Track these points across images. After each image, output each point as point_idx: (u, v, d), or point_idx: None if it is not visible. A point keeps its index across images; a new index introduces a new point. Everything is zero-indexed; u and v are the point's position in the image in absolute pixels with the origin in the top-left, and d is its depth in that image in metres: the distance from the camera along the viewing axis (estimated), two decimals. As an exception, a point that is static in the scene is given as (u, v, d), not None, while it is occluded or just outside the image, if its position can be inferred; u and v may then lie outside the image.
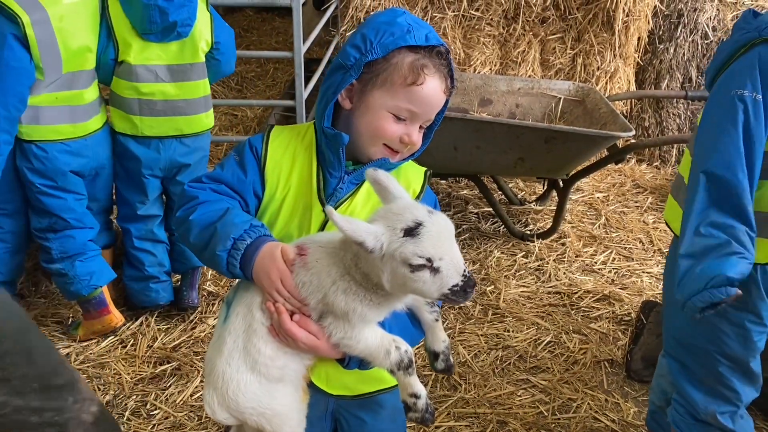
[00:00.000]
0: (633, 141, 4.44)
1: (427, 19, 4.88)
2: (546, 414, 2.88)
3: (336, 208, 1.55)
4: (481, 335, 3.35)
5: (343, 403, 1.71)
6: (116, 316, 3.23)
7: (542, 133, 3.65)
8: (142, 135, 3.13)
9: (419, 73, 1.48)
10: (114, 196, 3.38)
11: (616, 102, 5.06)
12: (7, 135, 2.82)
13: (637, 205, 4.81)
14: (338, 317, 1.43)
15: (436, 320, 1.55)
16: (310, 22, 5.74)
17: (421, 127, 1.56)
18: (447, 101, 1.58)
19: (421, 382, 2.71)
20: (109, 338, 3.23)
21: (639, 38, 4.95)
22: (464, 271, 1.32)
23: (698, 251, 1.84)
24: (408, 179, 1.64)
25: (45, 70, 2.84)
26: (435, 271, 1.29)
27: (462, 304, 1.47)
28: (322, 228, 1.56)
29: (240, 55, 3.38)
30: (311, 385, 1.61)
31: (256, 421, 1.54)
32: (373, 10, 4.74)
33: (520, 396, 2.98)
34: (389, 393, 1.71)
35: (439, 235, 1.30)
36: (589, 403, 2.94)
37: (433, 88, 1.50)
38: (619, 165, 5.23)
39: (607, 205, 4.77)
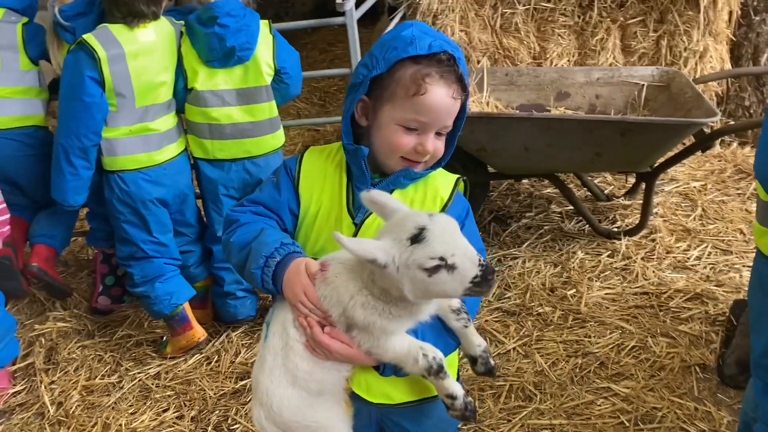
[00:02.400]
0: (720, 126, 4.11)
1: (497, 16, 4.78)
2: (627, 424, 2.72)
3: (365, 219, 1.60)
4: (560, 342, 3.22)
5: (386, 412, 1.72)
6: (198, 331, 3.40)
7: (616, 125, 3.46)
8: (214, 158, 3.28)
9: (421, 84, 1.49)
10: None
11: (711, 83, 4.72)
12: (83, 161, 3.09)
13: (739, 192, 4.44)
14: (362, 329, 1.48)
15: (465, 327, 1.56)
16: (380, 31, 5.78)
17: (439, 134, 1.57)
18: (465, 104, 1.58)
19: (494, 393, 2.70)
20: (196, 356, 3.40)
21: (730, 12, 4.57)
22: (479, 260, 1.34)
23: None
24: (435, 188, 1.65)
25: (118, 105, 3.06)
26: (451, 268, 1.32)
27: (486, 296, 1.46)
28: (355, 235, 1.60)
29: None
30: (354, 395, 1.65)
31: None
32: (440, 13, 4.70)
33: (599, 405, 2.83)
34: (434, 403, 1.69)
35: (444, 234, 1.34)
36: (676, 412, 2.75)
37: (437, 95, 1.50)
38: (718, 150, 4.86)
39: (704, 194, 4.44)
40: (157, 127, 3.17)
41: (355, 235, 1.60)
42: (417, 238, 1.32)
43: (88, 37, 2.97)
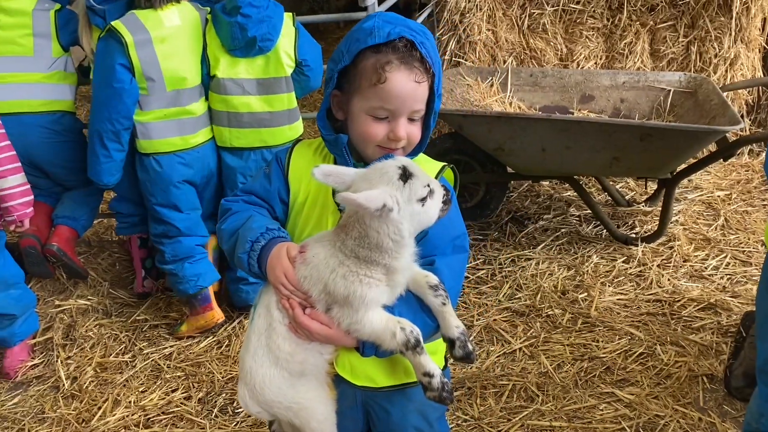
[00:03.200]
0: (744, 134, 4.04)
1: (525, 16, 4.76)
2: (629, 431, 2.71)
3: None
4: (567, 345, 3.21)
5: (370, 395, 1.75)
6: (218, 313, 3.49)
7: (635, 130, 3.43)
8: (231, 146, 3.35)
9: (381, 72, 1.52)
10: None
11: (741, 92, 4.64)
12: (116, 144, 3.23)
13: (765, 203, 4.36)
14: (342, 305, 1.51)
15: (443, 304, 1.56)
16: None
17: (412, 119, 1.59)
18: (436, 86, 1.58)
19: (496, 391, 2.67)
20: (209, 339, 3.48)
21: (764, 19, 4.48)
22: (438, 182, 1.50)
23: None
24: None
25: (149, 89, 3.16)
26: (432, 193, 1.46)
27: (447, 212, 1.47)
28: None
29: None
30: (339, 378, 1.69)
31: (284, 415, 1.66)
32: (468, 12, 4.70)
33: (601, 410, 2.82)
34: (417, 387, 1.69)
35: (416, 165, 1.47)
36: (679, 421, 2.73)
37: (398, 82, 1.52)
38: (745, 159, 4.77)
39: (728, 204, 4.37)
40: (192, 110, 3.27)
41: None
42: (405, 175, 1.42)
43: (117, 24, 3.07)
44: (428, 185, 1.44)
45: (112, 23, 3.08)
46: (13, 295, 3.20)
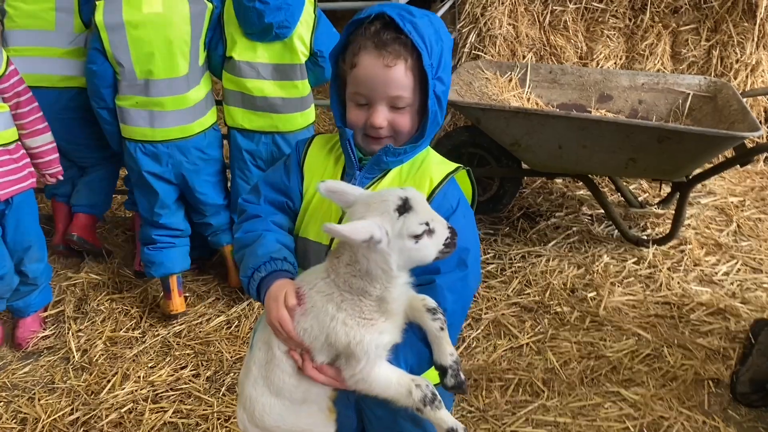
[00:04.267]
0: (762, 142, 4.02)
1: (546, 12, 4.75)
2: (633, 430, 2.72)
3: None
4: (575, 342, 3.23)
5: (363, 399, 1.70)
6: (174, 304, 3.47)
7: (654, 132, 3.42)
8: (242, 127, 3.35)
9: (353, 58, 1.48)
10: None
11: (761, 98, 4.62)
12: (101, 119, 3.32)
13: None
14: (347, 357, 1.45)
15: (441, 329, 1.48)
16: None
17: (398, 108, 1.51)
18: (430, 68, 1.46)
19: (502, 385, 2.68)
20: (219, 318, 3.51)
21: (788, 27, 4.45)
22: (447, 224, 1.41)
23: None
24: (429, 174, 1.59)
25: (120, 74, 3.14)
26: (431, 232, 1.37)
27: (449, 254, 1.39)
28: (340, 220, 1.54)
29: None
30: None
31: None
32: (489, 5, 4.69)
33: (606, 409, 2.84)
34: None
35: (422, 201, 1.39)
36: (683, 423, 2.74)
37: (367, 66, 1.46)
38: (761, 167, 4.75)
39: (742, 210, 4.36)
40: (163, 103, 3.17)
41: (341, 218, 1.54)
42: (404, 208, 1.35)
43: (99, 4, 3.08)
44: (427, 223, 1.36)
45: (97, 3, 3.09)
46: (46, 263, 3.35)
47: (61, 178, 3.32)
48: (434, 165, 1.61)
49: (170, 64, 3.13)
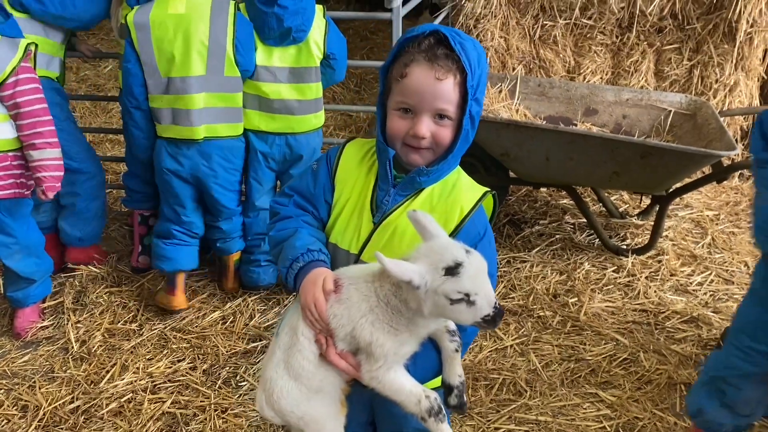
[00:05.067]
0: (738, 160, 4.23)
1: (537, 27, 4.92)
2: (609, 430, 2.89)
3: (383, 220, 1.68)
4: (556, 345, 3.39)
5: (377, 393, 1.80)
6: (177, 300, 3.56)
7: (638, 148, 3.60)
8: (258, 130, 3.45)
9: (403, 68, 1.57)
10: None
11: (737, 117, 4.83)
12: (128, 119, 3.42)
13: (751, 226, 4.55)
14: (367, 354, 1.58)
15: (456, 351, 1.62)
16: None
17: (441, 120, 1.59)
18: (472, 88, 1.57)
19: (487, 384, 2.83)
20: (214, 313, 3.62)
21: (765, 50, 4.67)
22: (495, 303, 1.47)
23: None
24: (460, 200, 1.68)
25: (146, 72, 3.25)
26: (471, 303, 1.45)
27: (487, 329, 1.54)
28: (371, 235, 1.69)
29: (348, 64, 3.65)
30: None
31: (296, 424, 1.75)
32: (482, 18, 4.85)
33: (585, 409, 3.01)
34: None
35: (476, 274, 1.46)
36: (656, 424, 2.92)
37: (417, 77, 1.56)
38: (736, 182, 4.97)
39: (717, 224, 4.57)
40: (190, 102, 3.23)
41: (372, 233, 1.68)
42: (452, 270, 1.43)
43: (136, 8, 3.22)
44: (467, 294, 1.44)
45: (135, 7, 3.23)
46: (36, 262, 3.34)
47: (49, 196, 3.14)
48: (465, 191, 1.69)
49: (186, 63, 3.20)
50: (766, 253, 2.22)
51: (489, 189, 1.71)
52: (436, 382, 1.71)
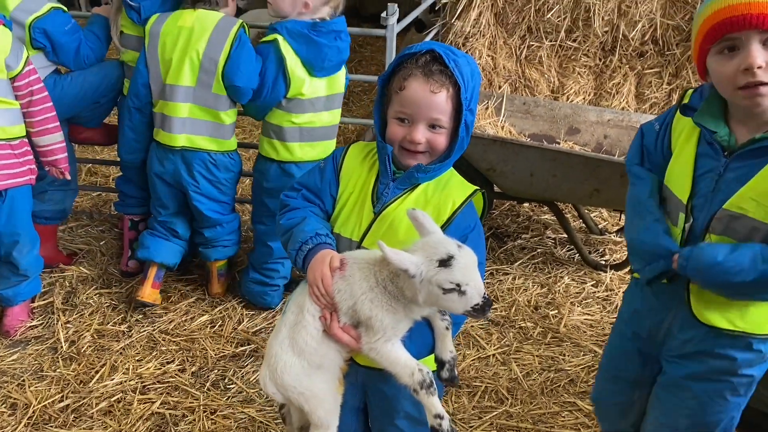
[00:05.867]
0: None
1: (523, 47, 5.07)
2: (586, 437, 3.00)
3: (383, 210, 1.85)
4: (537, 356, 3.50)
5: (370, 375, 1.96)
6: (144, 292, 3.60)
7: (618, 167, 3.74)
8: (301, 161, 3.45)
9: (402, 82, 1.77)
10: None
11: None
12: (136, 113, 3.51)
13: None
14: (366, 327, 1.74)
15: (447, 328, 1.80)
16: (409, 42, 6.03)
17: (435, 128, 1.78)
18: (466, 100, 1.75)
19: (470, 391, 2.95)
20: (203, 317, 3.67)
21: (740, 77, 4.86)
22: (484, 294, 1.63)
23: None
24: (452, 194, 1.85)
25: (150, 77, 3.36)
26: (462, 293, 1.61)
27: (482, 319, 1.72)
28: (370, 225, 1.86)
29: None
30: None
31: (296, 399, 1.87)
32: (471, 36, 4.99)
33: (563, 417, 3.11)
34: None
35: (467, 266, 1.61)
36: (631, 433, 3.03)
37: (415, 89, 1.74)
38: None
39: (691, 242, 4.73)
40: (174, 110, 3.31)
41: (372, 223, 1.86)
42: (445, 262, 1.59)
43: (154, 16, 3.34)
44: (458, 285, 1.58)
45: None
46: (36, 256, 3.42)
47: (68, 175, 3.45)
48: (456, 187, 1.87)
49: (178, 71, 3.26)
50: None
51: (479, 188, 1.88)
52: (431, 359, 1.86)
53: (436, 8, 5.21)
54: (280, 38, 3.22)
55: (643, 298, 2.10)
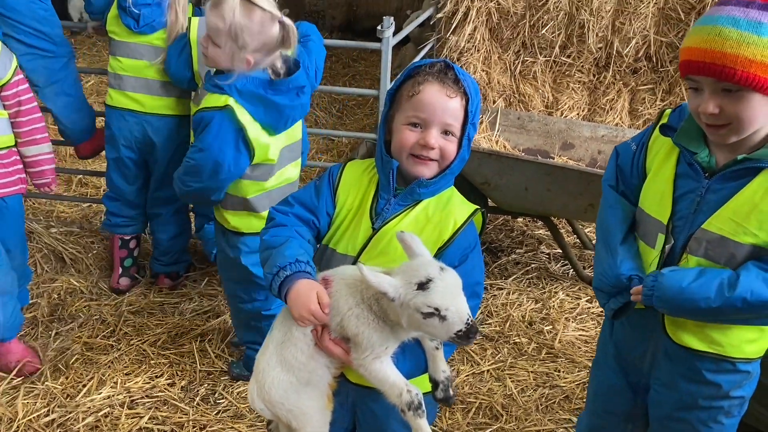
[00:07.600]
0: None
1: (518, 62, 5.08)
2: (582, 455, 2.96)
3: (382, 227, 1.81)
4: (531, 372, 3.47)
5: (360, 393, 1.90)
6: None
7: (613, 182, 3.73)
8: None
9: (417, 87, 1.75)
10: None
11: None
12: None
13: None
14: (354, 344, 1.70)
15: (437, 348, 1.75)
16: (403, 57, 6.07)
17: (447, 135, 1.76)
18: (471, 113, 1.76)
19: (464, 407, 2.91)
20: (194, 331, 3.62)
21: (733, 94, 4.89)
22: (468, 319, 1.56)
23: None
24: (453, 213, 1.81)
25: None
26: (443, 318, 1.55)
27: (467, 346, 1.67)
28: (368, 241, 1.82)
29: (329, 90, 3.73)
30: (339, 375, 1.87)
31: (284, 416, 1.82)
32: (466, 51, 5.00)
33: (558, 434, 3.08)
34: None
35: (446, 289, 1.55)
36: (627, 451, 2.99)
37: (430, 93, 1.73)
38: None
39: (685, 258, 4.72)
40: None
41: (369, 239, 1.81)
42: (423, 286, 1.54)
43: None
44: (437, 309, 1.52)
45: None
46: (25, 266, 3.43)
47: (53, 189, 3.38)
48: (458, 206, 1.84)
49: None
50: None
51: (479, 207, 1.86)
52: (425, 379, 1.81)
53: (432, 23, 5.22)
54: (232, 102, 2.61)
55: (621, 330, 2.09)
